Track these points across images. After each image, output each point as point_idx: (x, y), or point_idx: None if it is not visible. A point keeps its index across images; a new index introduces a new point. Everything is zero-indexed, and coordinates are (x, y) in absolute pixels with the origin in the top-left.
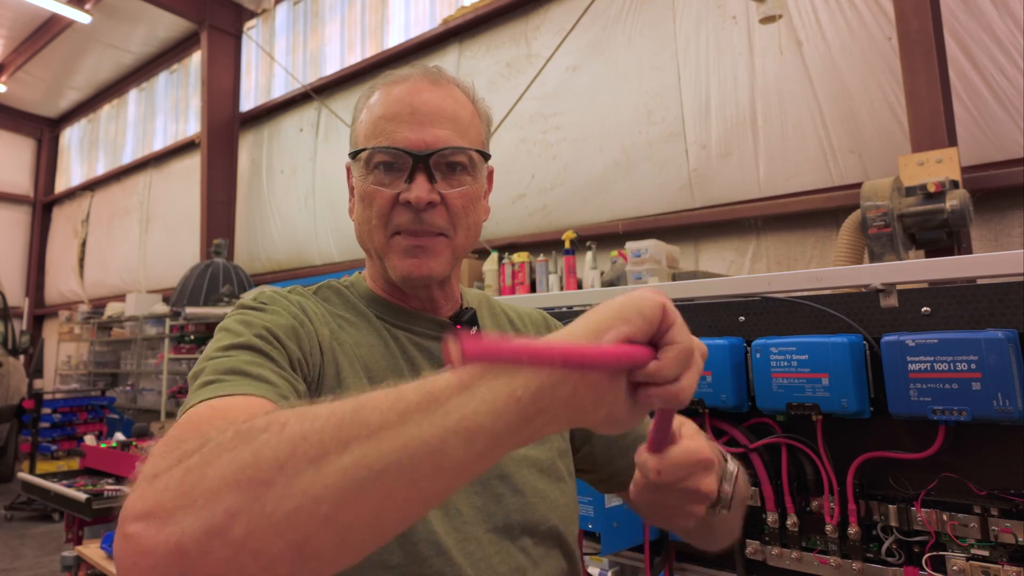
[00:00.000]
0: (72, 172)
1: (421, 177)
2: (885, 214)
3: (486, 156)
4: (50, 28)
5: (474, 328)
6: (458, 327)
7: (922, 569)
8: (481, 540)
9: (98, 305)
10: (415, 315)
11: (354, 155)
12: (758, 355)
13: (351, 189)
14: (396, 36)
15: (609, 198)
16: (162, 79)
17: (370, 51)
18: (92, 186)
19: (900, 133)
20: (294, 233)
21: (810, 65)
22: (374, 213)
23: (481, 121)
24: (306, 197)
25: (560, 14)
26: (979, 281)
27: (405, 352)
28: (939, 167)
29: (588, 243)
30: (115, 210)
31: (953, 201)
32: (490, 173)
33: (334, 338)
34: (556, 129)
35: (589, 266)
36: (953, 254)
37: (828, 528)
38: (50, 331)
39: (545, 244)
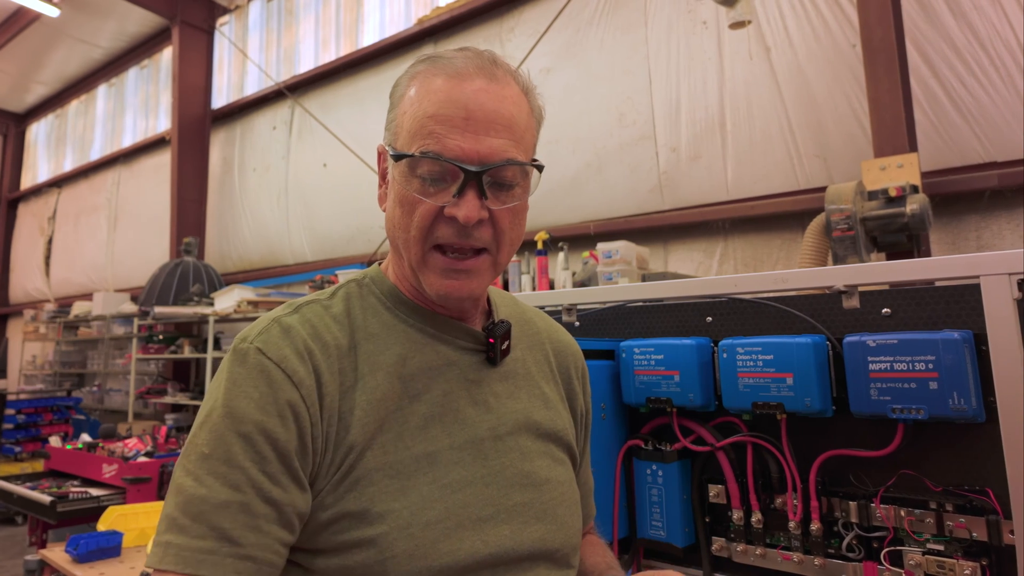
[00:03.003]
0: (39, 168)
1: (472, 194)
2: (848, 217)
3: (540, 167)
4: (17, 21)
5: (506, 344)
6: (491, 340)
7: (881, 564)
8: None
9: (64, 304)
10: (445, 322)
11: (397, 157)
12: (725, 355)
13: (382, 175)
14: (371, 35)
15: (581, 199)
16: (132, 75)
17: (345, 50)
18: (59, 183)
19: (863, 138)
20: (266, 232)
21: (778, 71)
22: (414, 224)
23: (535, 120)
24: (279, 196)
25: (534, 16)
26: (937, 283)
27: (429, 362)
28: (900, 172)
29: (560, 244)
30: (83, 207)
31: (913, 205)
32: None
33: (344, 389)
34: None
35: (561, 267)
36: (913, 257)
37: (791, 525)
38: (15, 330)
39: None
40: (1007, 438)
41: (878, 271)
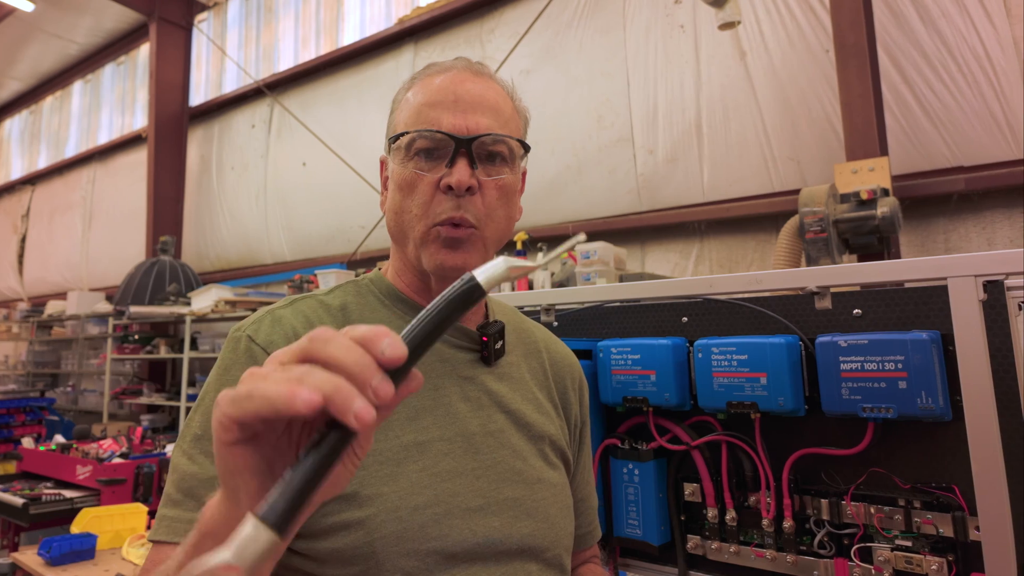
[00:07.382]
0: (12, 165)
1: (463, 162)
2: (821, 220)
3: (526, 147)
4: None
5: (500, 343)
6: (484, 339)
7: (851, 560)
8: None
9: (38, 303)
10: None
11: (394, 139)
12: (700, 355)
13: (384, 181)
14: (351, 34)
15: (560, 200)
16: (108, 71)
17: (324, 48)
18: (33, 180)
19: (836, 142)
20: (244, 231)
21: (753, 75)
22: (415, 202)
23: (520, 118)
24: (257, 195)
25: (514, 18)
26: (906, 285)
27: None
28: (871, 175)
29: (539, 244)
30: (57, 205)
31: (884, 208)
32: (523, 172)
33: None
34: None
35: None
36: (883, 259)
37: (765, 522)
38: None
39: None
40: (973, 436)
41: (850, 272)
